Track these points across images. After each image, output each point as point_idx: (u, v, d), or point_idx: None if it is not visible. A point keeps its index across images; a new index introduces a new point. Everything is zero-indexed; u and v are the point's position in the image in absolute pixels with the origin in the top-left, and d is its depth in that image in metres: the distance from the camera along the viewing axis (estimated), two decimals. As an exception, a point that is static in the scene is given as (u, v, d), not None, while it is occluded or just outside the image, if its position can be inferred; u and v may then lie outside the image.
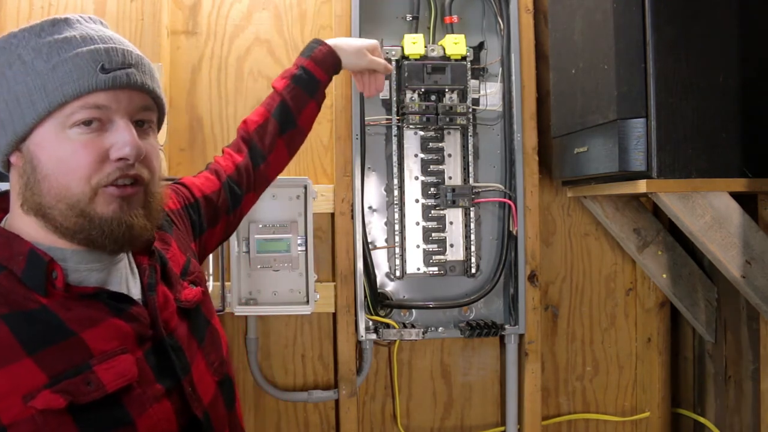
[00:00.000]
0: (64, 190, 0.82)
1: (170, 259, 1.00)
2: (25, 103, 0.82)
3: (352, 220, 1.78)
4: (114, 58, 0.84)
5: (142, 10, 1.75)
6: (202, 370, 0.94)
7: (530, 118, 1.86)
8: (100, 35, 0.86)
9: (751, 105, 1.46)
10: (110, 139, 0.83)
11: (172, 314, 0.93)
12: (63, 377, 0.78)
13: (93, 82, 0.82)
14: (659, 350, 1.99)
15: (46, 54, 0.82)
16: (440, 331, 1.83)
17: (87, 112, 0.82)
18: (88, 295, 0.85)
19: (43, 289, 0.82)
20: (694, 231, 1.49)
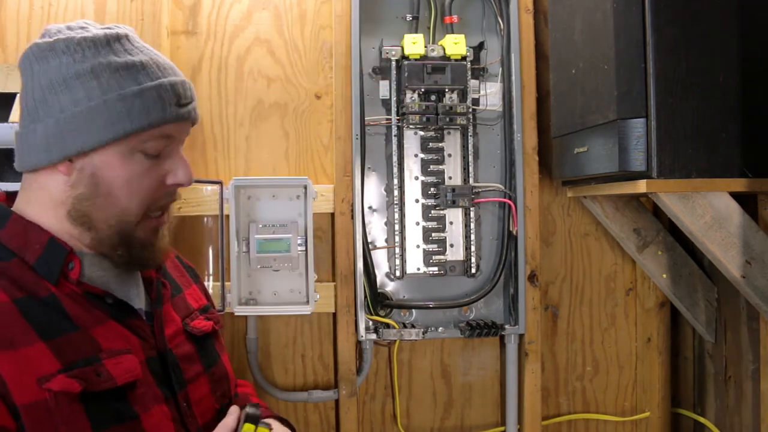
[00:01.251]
0: (123, 210, 0.88)
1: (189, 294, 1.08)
2: (102, 121, 0.84)
3: (352, 220, 1.78)
4: (187, 93, 0.92)
5: (142, 10, 1.75)
6: (203, 393, 0.98)
7: (530, 118, 1.86)
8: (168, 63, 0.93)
9: (751, 105, 1.46)
10: (167, 166, 0.90)
11: (177, 333, 0.98)
12: (76, 365, 0.80)
13: (174, 115, 0.88)
14: (659, 350, 1.99)
15: (125, 77, 0.86)
16: (440, 331, 1.83)
17: (158, 143, 0.88)
18: (95, 296, 0.88)
19: (55, 279, 0.85)
20: (694, 231, 1.49)
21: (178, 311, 1.02)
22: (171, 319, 0.98)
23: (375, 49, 1.86)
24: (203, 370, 0.99)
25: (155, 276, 0.99)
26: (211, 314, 1.09)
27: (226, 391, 1.04)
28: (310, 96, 1.88)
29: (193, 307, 1.07)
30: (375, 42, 1.85)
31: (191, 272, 1.17)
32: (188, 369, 0.96)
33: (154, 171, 0.89)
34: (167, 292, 1.01)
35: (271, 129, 1.86)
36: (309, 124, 1.88)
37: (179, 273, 1.12)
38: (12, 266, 0.84)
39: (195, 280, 1.16)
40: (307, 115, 1.88)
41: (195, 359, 0.99)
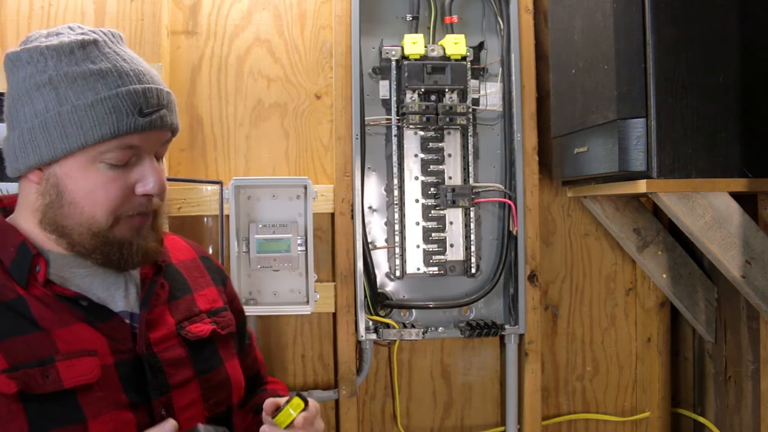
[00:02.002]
0: (89, 219, 0.87)
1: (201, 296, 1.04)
2: (57, 133, 0.84)
3: (352, 220, 1.78)
4: (151, 101, 0.87)
5: (142, 10, 1.75)
6: (191, 400, 0.95)
7: (530, 118, 1.86)
8: (135, 70, 0.89)
9: (751, 105, 1.46)
10: (136, 175, 0.88)
11: (167, 336, 0.95)
12: (23, 366, 0.81)
13: (131, 125, 0.85)
14: (659, 350, 1.99)
15: (82, 87, 0.85)
16: (440, 331, 1.83)
17: (119, 153, 0.86)
18: (67, 298, 0.87)
19: (25, 281, 0.86)
20: (694, 231, 1.49)
21: (176, 313, 0.99)
22: (162, 321, 0.96)
23: (375, 49, 1.86)
24: (194, 376, 0.96)
25: (150, 277, 0.97)
26: (222, 317, 1.05)
27: (223, 399, 1.00)
28: (310, 96, 1.88)
29: (200, 309, 1.03)
30: (375, 42, 1.85)
31: (216, 274, 1.13)
32: (175, 374, 0.93)
33: (121, 180, 0.87)
34: (164, 294, 0.98)
35: (271, 129, 1.86)
36: (309, 124, 1.88)
37: (199, 273, 1.09)
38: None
39: (217, 282, 1.11)
40: (307, 115, 1.88)
41: (185, 364, 0.95)
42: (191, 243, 1.16)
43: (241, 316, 1.16)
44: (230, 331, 1.07)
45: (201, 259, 1.13)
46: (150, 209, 0.91)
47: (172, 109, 0.92)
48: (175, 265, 1.06)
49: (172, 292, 1.01)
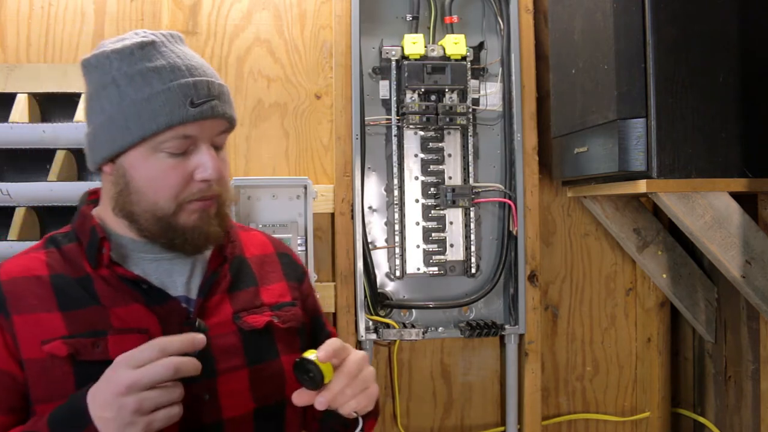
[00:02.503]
0: (153, 205, 0.94)
1: (267, 290, 1.08)
2: (120, 127, 0.93)
3: (352, 220, 1.78)
4: (201, 92, 0.94)
5: (142, 10, 1.75)
6: (238, 388, 0.98)
7: (530, 118, 1.86)
8: (187, 65, 0.96)
9: (751, 105, 1.46)
10: (194, 162, 0.95)
11: (221, 323, 1.00)
12: (78, 335, 0.91)
13: (183, 116, 0.92)
14: (659, 350, 1.99)
15: (140, 83, 0.93)
16: (440, 331, 1.83)
17: (177, 142, 0.93)
18: (129, 280, 0.96)
19: (94, 261, 0.96)
20: (694, 231, 1.49)
21: (236, 303, 1.02)
22: (220, 310, 1.00)
23: (375, 49, 1.86)
24: (244, 365, 0.99)
25: (214, 267, 1.04)
26: (285, 311, 1.07)
27: (272, 392, 1.01)
28: (310, 96, 1.88)
29: (263, 302, 1.06)
30: (375, 42, 1.85)
31: (292, 270, 1.15)
32: (225, 360, 0.97)
33: (181, 168, 0.94)
34: (224, 284, 1.02)
35: (271, 129, 1.86)
36: (309, 124, 1.88)
37: (271, 268, 1.12)
38: (71, 248, 0.98)
39: (291, 278, 1.13)
40: (307, 115, 1.88)
41: (237, 352, 0.99)
42: (273, 240, 1.19)
43: (315, 314, 1.18)
44: (292, 326, 1.08)
45: (278, 255, 1.16)
46: (211, 195, 0.96)
47: (224, 100, 0.98)
48: (248, 259, 1.10)
49: (236, 283, 1.05)
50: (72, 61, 1.75)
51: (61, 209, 1.57)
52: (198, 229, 0.96)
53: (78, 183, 1.57)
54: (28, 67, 1.66)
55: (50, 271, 0.96)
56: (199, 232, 0.96)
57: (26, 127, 1.55)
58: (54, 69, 1.65)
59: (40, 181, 1.55)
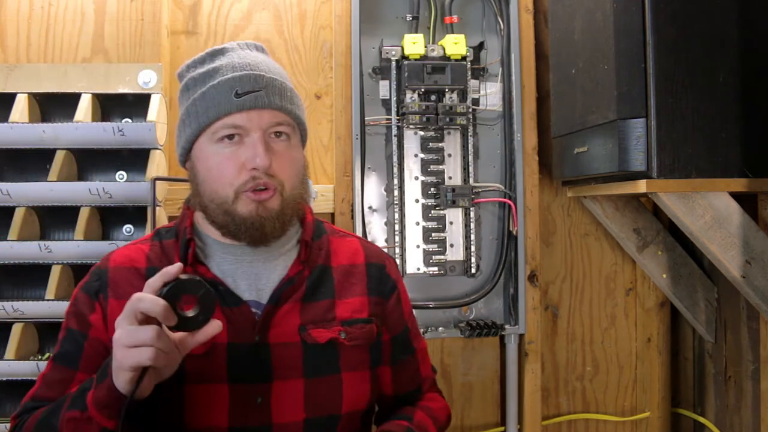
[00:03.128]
0: (214, 193, 1.00)
1: (344, 303, 1.07)
2: (187, 123, 1.02)
3: (352, 220, 1.78)
4: (246, 84, 1.00)
5: (142, 10, 1.75)
6: (291, 397, 1.00)
7: (530, 118, 1.86)
8: (243, 62, 1.02)
9: (751, 105, 1.46)
10: (246, 153, 0.99)
11: (286, 333, 1.01)
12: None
13: (228, 106, 0.99)
14: (659, 350, 1.99)
15: (200, 83, 1.02)
16: (440, 331, 1.83)
17: (226, 131, 0.99)
18: (207, 280, 0.97)
19: (185, 259, 1.02)
20: (694, 231, 1.49)
21: (306, 314, 1.03)
22: (288, 319, 1.02)
23: (375, 49, 1.86)
24: (300, 376, 1.00)
25: (291, 275, 1.04)
26: (357, 328, 1.05)
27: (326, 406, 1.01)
28: (310, 96, 1.88)
29: (335, 316, 1.04)
30: (375, 42, 1.85)
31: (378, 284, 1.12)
32: (281, 368, 0.99)
33: (234, 157, 0.99)
34: (298, 293, 1.03)
35: (271, 129, 1.86)
36: (309, 124, 1.85)
37: (356, 280, 1.10)
38: (170, 244, 1.06)
39: (375, 293, 1.11)
40: (307, 115, 1.87)
41: (296, 363, 1.00)
42: (369, 249, 1.16)
43: (399, 330, 1.14)
44: (359, 343, 1.05)
45: (368, 265, 1.13)
46: (264, 185, 0.98)
47: (274, 92, 1.01)
48: (332, 269, 1.09)
49: (310, 293, 1.05)
50: (72, 61, 1.75)
51: (61, 209, 1.57)
52: (253, 221, 0.99)
53: (78, 183, 1.57)
54: (28, 67, 1.66)
55: (148, 264, 1.04)
56: (254, 223, 0.99)
57: (26, 127, 1.55)
58: (54, 69, 1.65)
59: (40, 181, 1.55)
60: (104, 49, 1.76)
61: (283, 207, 1.01)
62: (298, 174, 1.05)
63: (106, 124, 1.56)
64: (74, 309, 1.04)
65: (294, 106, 1.06)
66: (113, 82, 1.63)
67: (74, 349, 1.01)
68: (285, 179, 1.01)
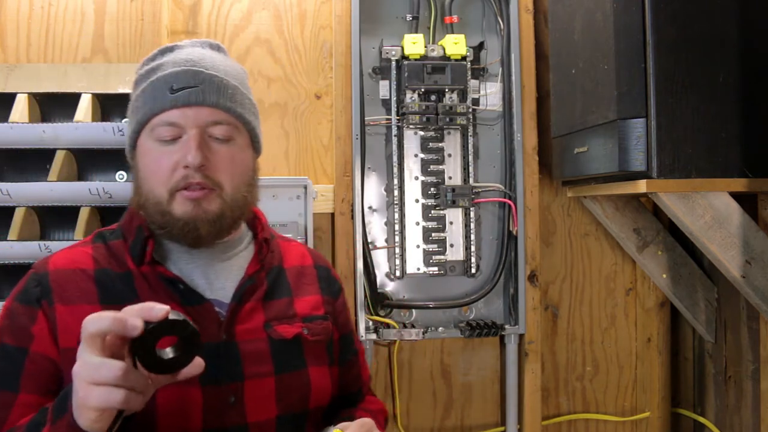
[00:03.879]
0: (150, 192, 0.97)
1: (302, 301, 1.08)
2: (131, 119, 1.01)
3: (352, 220, 1.78)
4: (182, 80, 0.97)
5: (142, 10, 1.75)
6: (264, 394, 0.98)
7: (530, 118, 1.86)
8: (187, 58, 1.00)
9: (751, 105, 1.46)
10: (180, 150, 0.96)
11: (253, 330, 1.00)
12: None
13: (163, 103, 0.96)
14: (659, 350, 1.99)
15: (144, 78, 1.00)
16: (440, 331, 1.83)
17: (163, 128, 0.96)
18: (168, 280, 0.98)
19: (138, 259, 0.98)
20: (694, 231, 1.49)
21: (269, 312, 1.03)
22: (252, 316, 1.01)
23: (375, 49, 1.86)
24: (271, 372, 0.99)
25: (250, 273, 1.03)
26: (316, 324, 1.07)
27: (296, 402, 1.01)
28: (310, 96, 1.88)
29: (296, 312, 1.06)
30: (375, 42, 1.85)
31: (328, 284, 1.15)
32: (252, 366, 0.98)
33: (170, 155, 0.96)
34: (260, 291, 1.03)
35: (271, 129, 1.86)
36: (309, 124, 1.88)
37: (308, 281, 1.12)
38: (117, 245, 1.01)
39: (326, 292, 1.13)
40: (307, 115, 1.88)
41: (265, 360, 0.99)
42: (313, 253, 1.19)
43: (345, 331, 1.16)
44: (321, 339, 1.07)
45: (317, 267, 1.16)
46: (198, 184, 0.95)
47: (211, 89, 0.98)
48: (286, 270, 1.10)
49: (271, 292, 1.05)
50: (72, 61, 1.75)
51: (61, 209, 1.57)
52: (187, 221, 0.95)
53: (78, 183, 1.56)
54: (28, 67, 1.66)
55: (95, 266, 0.99)
56: (187, 224, 0.95)
57: (26, 127, 1.55)
58: (54, 69, 1.65)
59: (40, 181, 1.55)
60: (104, 49, 1.77)
61: (222, 210, 0.97)
62: (243, 176, 1.01)
63: (106, 124, 1.56)
64: (9, 323, 0.93)
65: (235, 104, 1.00)
66: (113, 82, 1.63)
67: (12, 369, 0.90)
68: (224, 180, 0.97)
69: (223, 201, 0.97)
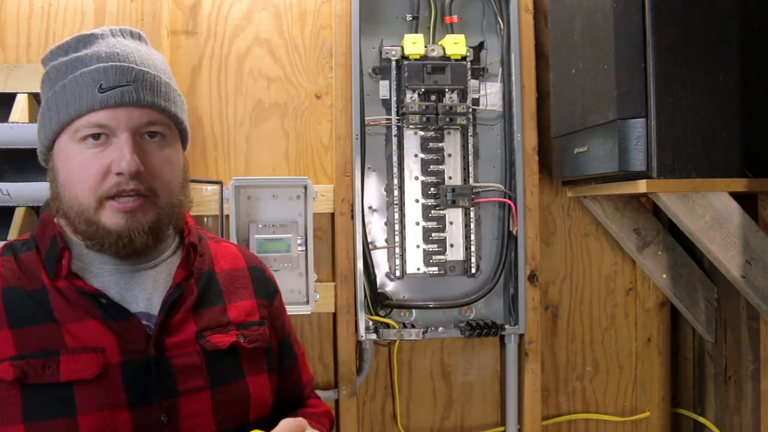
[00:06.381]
0: (74, 199, 0.89)
1: (234, 307, 1.01)
2: (48, 118, 0.90)
3: (352, 220, 1.78)
4: (111, 77, 0.88)
5: (142, 10, 1.75)
6: (199, 410, 0.92)
7: (530, 118, 1.86)
8: (111, 52, 0.90)
9: (751, 105, 1.46)
10: (111, 155, 0.88)
11: (184, 342, 0.93)
12: (28, 356, 0.84)
13: (91, 102, 0.87)
14: (659, 350, 1.99)
15: (63, 73, 0.90)
16: (440, 331, 1.83)
17: (89, 131, 0.88)
18: (87, 294, 0.89)
19: (53, 273, 0.89)
20: (694, 231, 1.49)
21: (200, 322, 0.96)
22: (183, 328, 0.94)
23: (375, 49, 1.86)
24: (206, 386, 0.93)
25: (178, 281, 0.95)
26: (252, 331, 1.01)
27: (235, 415, 0.95)
28: (310, 96, 1.88)
29: (230, 320, 0.99)
30: (375, 42, 1.85)
31: (263, 287, 1.08)
32: (185, 381, 0.91)
33: (97, 160, 0.88)
34: (190, 300, 0.96)
35: (271, 129, 1.86)
36: (309, 124, 1.88)
37: (241, 284, 1.05)
38: (28, 258, 0.91)
39: (261, 295, 1.07)
40: (307, 115, 1.88)
41: (199, 373, 0.93)
42: (245, 253, 1.12)
43: (283, 335, 1.11)
44: (259, 345, 1.01)
45: (250, 269, 1.09)
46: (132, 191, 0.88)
47: (145, 87, 0.90)
48: (216, 274, 1.03)
49: (201, 300, 0.98)
50: (72, 61, 1.75)
51: (61, 209, 1.57)
52: (120, 234, 0.88)
53: (78, 183, 1.57)
54: (28, 67, 1.66)
55: (3, 284, 0.89)
56: (118, 236, 0.88)
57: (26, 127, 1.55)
58: (54, 69, 1.65)
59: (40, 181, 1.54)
60: (104, 49, 1.76)
61: (158, 218, 0.91)
62: (176, 178, 0.94)
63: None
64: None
65: (169, 103, 0.93)
66: (113, 82, 1.63)
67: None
68: (159, 185, 0.90)
69: (158, 208, 0.91)
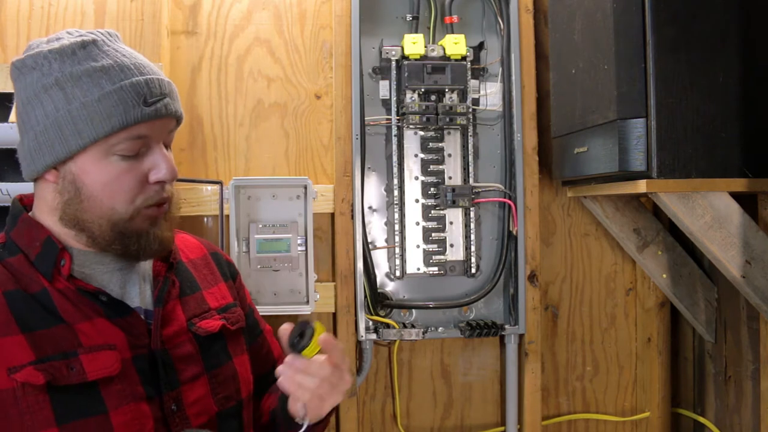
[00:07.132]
0: (108, 211, 0.90)
1: (210, 293, 1.07)
2: (69, 130, 0.88)
3: (352, 220, 1.78)
4: (154, 91, 0.90)
5: (142, 10, 1.75)
6: (200, 395, 0.97)
7: (530, 118, 1.86)
8: (135, 63, 0.92)
9: (751, 105, 1.46)
10: (148, 164, 0.91)
11: (178, 332, 0.98)
12: (49, 359, 0.84)
13: (138, 115, 0.88)
14: (659, 350, 1.99)
15: (87, 84, 0.88)
16: (440, 331, 1.83)
17: (130, 143, 0.89)
18: (88, 293, 0.91)
19: (50, 275, 0.90)
20: (694, 231, 1.49)
21: (187, 310, 1.01)
22: (174, 318, 0.98)
23: (375, 49, 1.86)
24: (203, 371, 0.98)
25: (163, 274, 1.00)
26: (231, 313, 1.07)
27: (232, 394, 1.01)
28: (310, 96, 1.88)
29: (210, 306, 1.05)
30: (375, 42, 1.85)
31: (226, 268, 1.15)
32: (186, 369, 0.96)
33: (134, 170, 0.91)
34: (175, 291, 1.01)
35: (271, 129, 1.86)
36: (309, 124, 1.88)
37: (208, 271, 1.11)
38: (15, 262, 0.91)
39: (227, 277, 1.13)
40: (307, 115, 1.88)
41: (195, 360, 0.98)
42: (201, 240, 1.18)
43: (249, 309, 1.17)
44: (240, 326, 1.08)
45: (211, 255, 1.15)
46: (165, 198, 0.94)
47: (174, 97, 0.95)
48: (186, 264, 1.08)
49: (183, 289, 1.03)
50: (72, 61, 1.75)
51: (61, 209, 1.56)
52: (151, 235, 0.93)
53: (78, 183, 1.56)
54: (28, 67, 1.66)
55: (2, 288, 0.88)
56: (153, 236, 0.93)
57: (26, 127, 1.54)
58: (54, 69, 1.65)
59: (40, 181, 1.55)
60: (104, 49, 1.76)
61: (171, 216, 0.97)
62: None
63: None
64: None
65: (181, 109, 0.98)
66: (113, 82, 1.63)
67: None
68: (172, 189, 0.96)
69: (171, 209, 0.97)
